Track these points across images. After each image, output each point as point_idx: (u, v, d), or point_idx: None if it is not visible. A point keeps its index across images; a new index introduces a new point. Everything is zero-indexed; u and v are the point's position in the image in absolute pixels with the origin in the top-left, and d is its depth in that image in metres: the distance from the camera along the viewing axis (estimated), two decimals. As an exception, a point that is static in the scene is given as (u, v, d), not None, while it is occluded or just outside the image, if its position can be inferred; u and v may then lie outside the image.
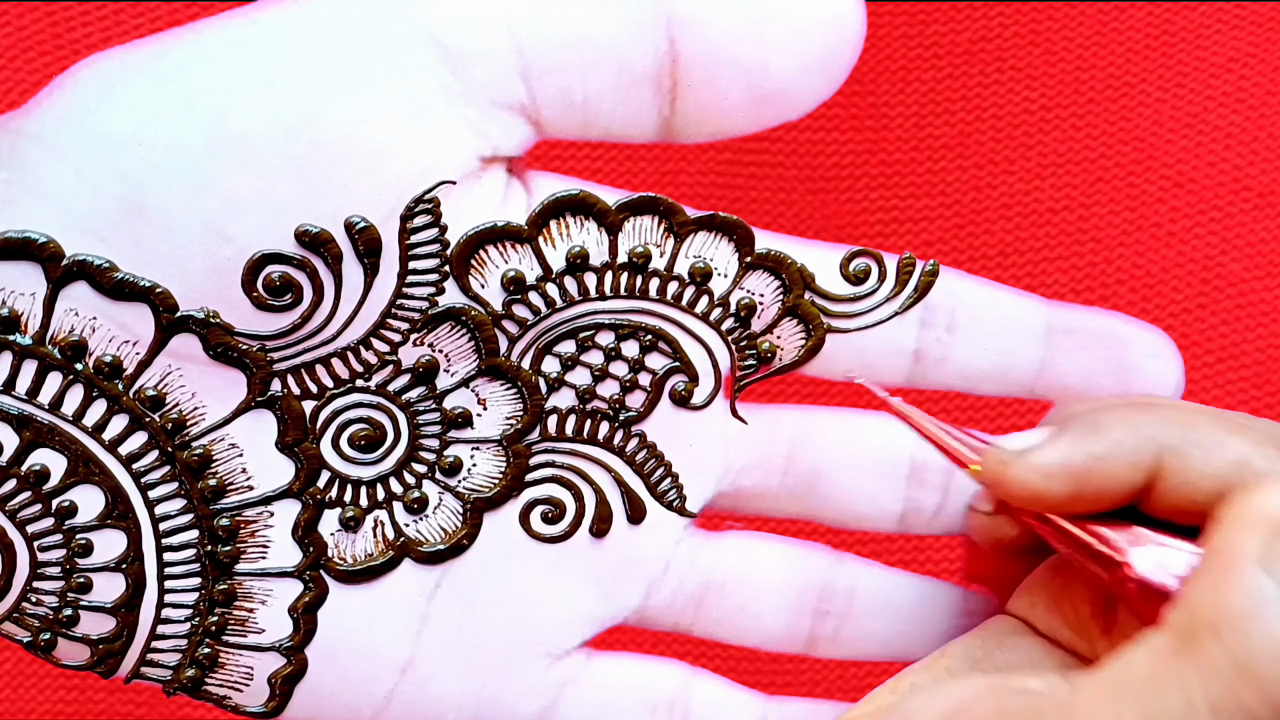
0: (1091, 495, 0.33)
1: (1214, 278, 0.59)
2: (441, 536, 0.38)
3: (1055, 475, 0.33)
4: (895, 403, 0.37)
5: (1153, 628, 0.29)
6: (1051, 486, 0.33)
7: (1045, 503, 0.33)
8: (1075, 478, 0.33)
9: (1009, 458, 0.34)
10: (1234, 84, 0.58)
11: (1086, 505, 0.33)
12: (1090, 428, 0.33)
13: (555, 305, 0.37)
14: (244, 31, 0.35)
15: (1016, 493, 0.34)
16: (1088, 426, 0.33)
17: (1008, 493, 0.34)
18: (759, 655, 0.44)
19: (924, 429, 0.37)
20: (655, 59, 0.35)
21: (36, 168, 0.34)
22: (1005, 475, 0.34)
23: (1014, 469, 0.34)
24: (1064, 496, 0.33)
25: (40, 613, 0.36)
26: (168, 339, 0.35)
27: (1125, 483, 0.33)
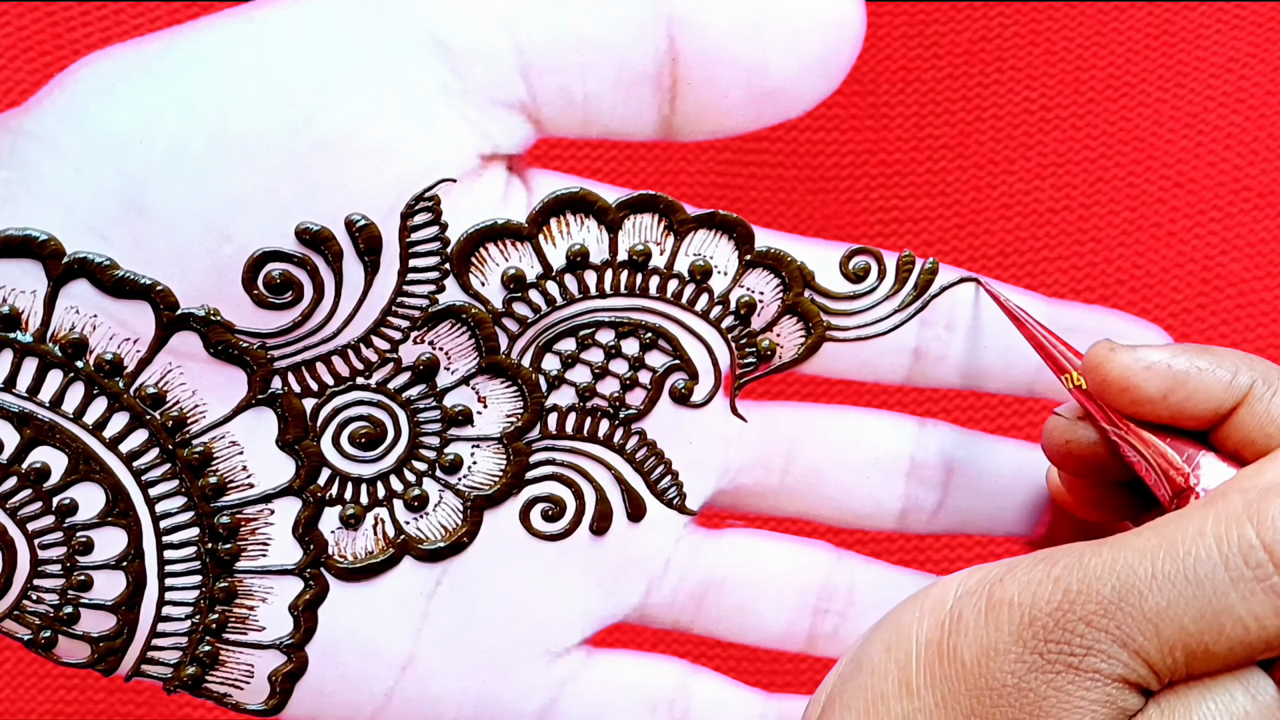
0: (1180, 400, 0.34)
1: (1214, 278, 0.59)
2: (442, 534, 0.38)
3: (1155, 369, 0.34)
4: (1009, 302, 0.38)
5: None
6: (1149, 380, 0.34)
7: (1138, 395, 0.34)
8: (1173, 378, 0.34)
9: (1117, 346, 0.35)
10: (1234, 84, 0.58)
11: (1173, 410, 0.34)
12: (1200, 349, 0.35)
13: (555, 303, 0.37)
14: (244, 30, 0.35)
15: (1115, 379, 0.35)
16: (1198, 347, 0.35)
17: (1106, 379, 0.35)
18: (759, 653, 0.44)
19: (1030, 329, 0.37)
20: (655, 58, 0.35)
21: (37, 166, 0.34)
22: (1109, 360, 0.35)
23: (1120, 355, 0.35)
24: (1156, 393, 0.34)
25: (41, 610, 0.36)
26: (168, 337, 0.35)
27: (1215, 400, 0.34)
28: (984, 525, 0.40)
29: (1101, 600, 0.31)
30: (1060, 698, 0.31)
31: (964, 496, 0.39)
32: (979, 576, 0.33)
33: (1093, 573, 0.32)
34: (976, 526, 0.40)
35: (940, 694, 0.32)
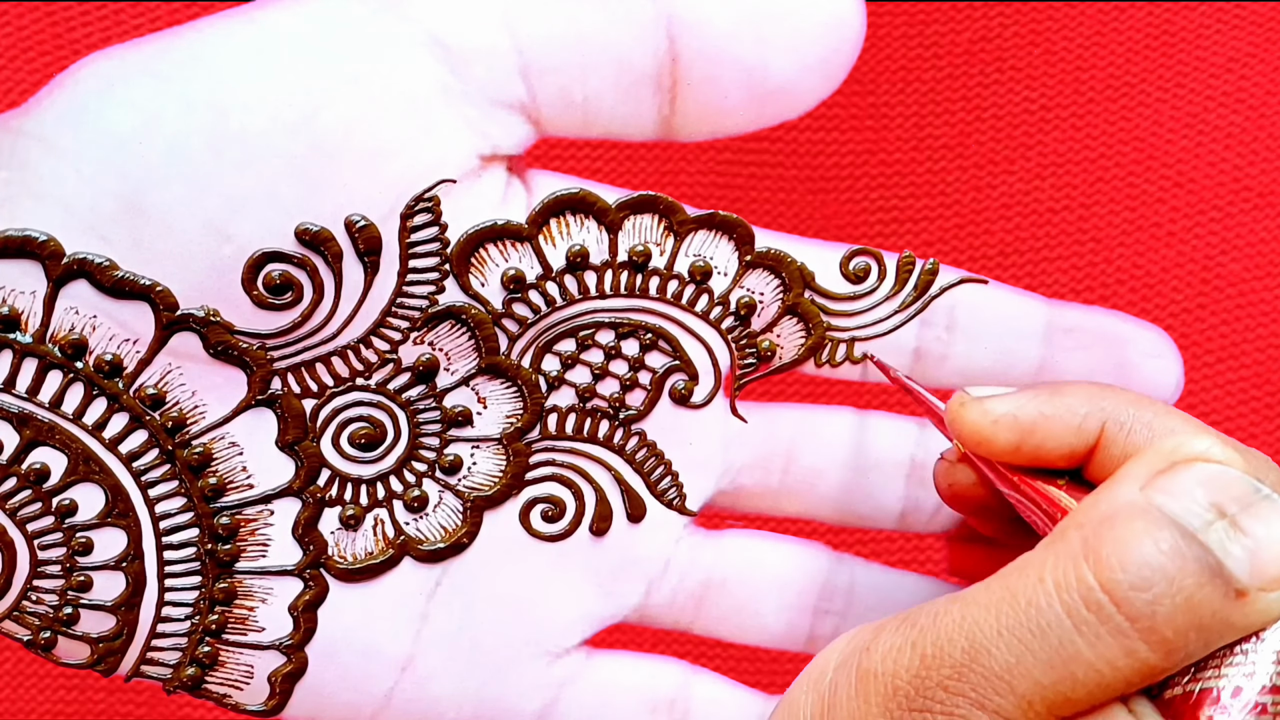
0: (1034, 448, 0.34)
1: (1214, 278, 0.59)
2: (441, 535, 0.38)
3: (1003, 422, 0.35)
4: (895, 371, 0.38)
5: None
6: (999, 433, 0.35)
7: (991, 448, 0.35)
8: (1021, 429, 0.34)
9: (967, 400, 0.35)
10: (1234, 84, 0.58)
11: (1028, 457, 0.35)
12: (1050, 391, 0.35)
13: (555, 304, 0.37)
14: (244, 31, 0.35)
15: (968, 434, 0.35)
16: (1049, 390, 0.35)
17: (960, 432, 0.35)
18: (759, 654, 0.44)
19: (912, 389, 0.38)
20: (655, 58, 0.35)
21: (37, 166, 0.34)
22: (960, 415, 0.35)
23: (969, 410, 0.35)
24: (1008, 445, 0.35)
25: (40, 611, 0.36)
26: (168, 337, 0.35)
27: (1068, 444, 0.34)
28: (984, 526, 0.40)
29: (954, 663, 0.31)
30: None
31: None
32: (853, 644, 0.33)
33: (945, 634, 0.31)
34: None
35: None
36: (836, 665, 0.33)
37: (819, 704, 0.33)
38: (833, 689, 0.33)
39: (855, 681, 0.32)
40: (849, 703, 0.32)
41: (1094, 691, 0.30)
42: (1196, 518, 0.31)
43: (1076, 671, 0.30)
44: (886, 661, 0.32)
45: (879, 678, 0.32)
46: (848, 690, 0.32)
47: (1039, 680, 0.30)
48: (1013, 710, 0.31)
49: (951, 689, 0.31)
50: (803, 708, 0.33)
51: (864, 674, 0.32)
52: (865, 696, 0.32)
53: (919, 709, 0.31)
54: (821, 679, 0.33)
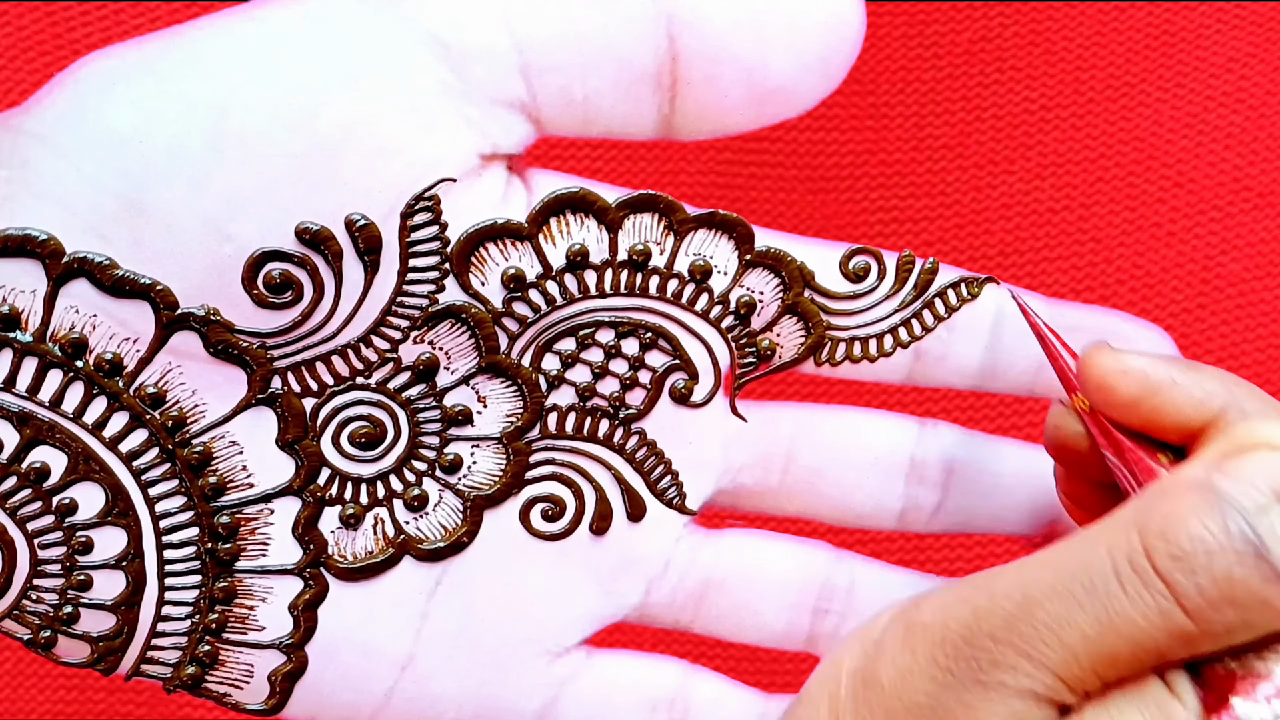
0: (1152, 409, 0.35)
1: (1214, 278, 0.59)
2: (441, 534, 0.38)
3: (1132, 374, 0.35)
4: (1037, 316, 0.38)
5: None
6: (1125, 383, 0.35)
7: (1111, 397, 0.35)
8: (1146, 386, 0.35)
9: (1108, 348, 0.35)
10: (1234, 84, 0.58)
11: (1144, 417, 0.35)
12: (1186, 364, 0.35)
13: (555, 303, 0.37)
14: (244, 30, 0.35)
15: (1094, 378, 0.35)
16: (1184, 363, 0.35)
17: (1089, 375, 0.35)
18: (759, 653, 0.44)
19: (1051, 345, 0.37)
20: (655, 57, 0.35)
21: (37, 165, 0.34)
22: (1095, 357, 0.35)
23: (1104, 356, 0.35)
24: (1128, 397, 0.35)
25: (40, 610, 0.36)
26: (168, 336, 0.35)
27: (1185, 416, 0.34)
28: (984, 525, 0.40)
29: (1006, 615, 0.32)
30: (969, 713, 0.32)
31: (964, 496, 0.40)
32: (902, 607, 0.34)
33: (1000, 589, 0.32)
34: (977, 526, 0.40)
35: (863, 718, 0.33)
36: (885, 623, 0.34)
37: (863, 657, 0.33)
38: (878, 644, 0.33)
39: (903, 633, 0.33)
40: (894, 653, 0.33)
41: (1135, 652, 0.31)
42: (1251, 500, 0.31)
43: (1119, 627, 0.31)
44: (937, 613, 0.32)
45: (928, 628, 0.32)
46: (894, 643, 0.33)
47: (1086, 634, 0.31)
48: (1058, 662, 0.31)
49: (1000, 639, 0.31)
50: (845, 663, 0.34)
51: (912, 626, 0.33)
52: (912, 647, 0.32)
53: (965, 657, 0.32)
54: (867, 637, 0.34)
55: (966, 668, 0.32)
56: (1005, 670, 0.31)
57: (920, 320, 0.38)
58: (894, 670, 0.33)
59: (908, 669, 0.32)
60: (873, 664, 0.33)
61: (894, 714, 0.32)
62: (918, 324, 0.38)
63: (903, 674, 0.32)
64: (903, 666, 0.32)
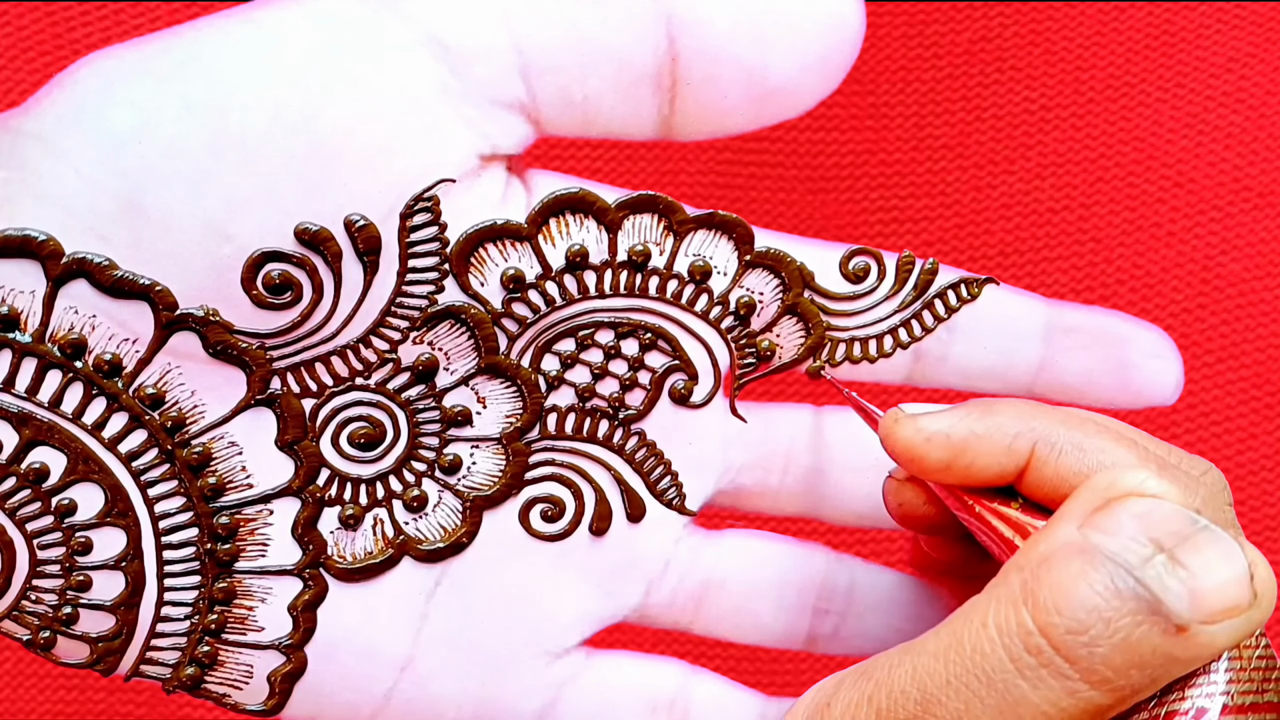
0: (965, 466, 0.34)
1: (1214, 278, 0.59)
2: (441, 535, 0.38)
3: (935, 440, 0.35)
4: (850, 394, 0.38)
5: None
6: (931, 451, 0.35)
7: (923, 465, 0.35)
8: (953, 447, 0.34)
9: (901, 417, 0.35)
10: (1234, 84, 0.58)
11: (959, 476, 0.35)
12: (983, 410, 0.35)
13: (555, 303, 0.37)
14: (244, 30, 0.35)
15: (901, 450, 0.35)
16: (981, 408, 0.35)
17: (894, 449, 0.35)
18: (759, 654, 0.44)
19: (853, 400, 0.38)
20: (655, 57, 0.35)
21: (36, 166, 0.34)
22: (893, 431, 0.35)
23: (902, 427, 0.35)
24: (940, 463, 0.35)
25: (40, 611, 0.36)
26: (167, 337, 0.35)
27: (998, 464, 0.34)
28: (984, 526, 0.40)
29: (908, 715, 0.31)
30: None
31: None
32: (815, 701, 0.33)
33: (899, 687, 0.32)
34: (976, 527, 0.40)
35: None
36: (800, 716, 0.33)
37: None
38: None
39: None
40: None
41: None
42: (1133, 554, 0.31)
43: (1024, 715, 0.30)
44: (845, 717, 0.32)
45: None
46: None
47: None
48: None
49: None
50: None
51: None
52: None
53: None
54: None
55: None
56: None
57: (920, 321, 0.38)
58: None
59: None
60: None
61: None
62: (918, 324, 0.38)
63: None
64: None
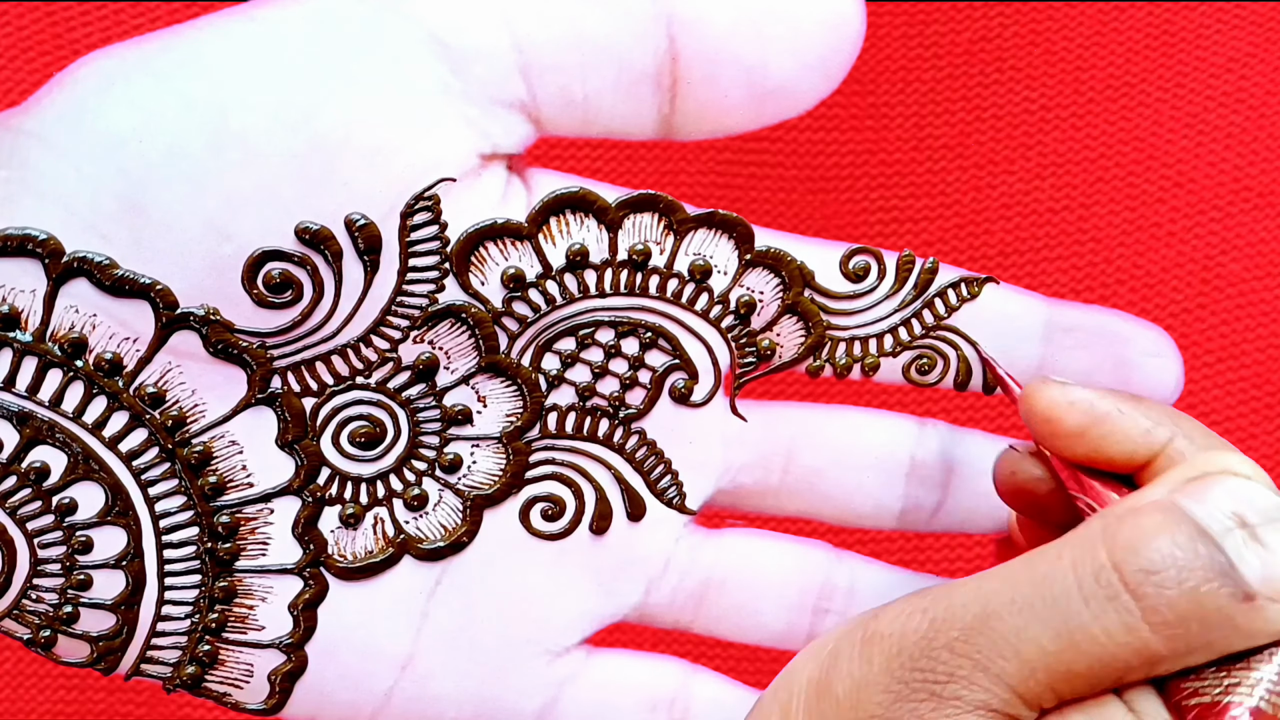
0: (1098, 438, 0.35)
1: (1214, 278, 0.59)
2: (441, 534, 0.38)
3: (1078, 405, 0.35)
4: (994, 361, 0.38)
5: None
6: (1070, 414, 0.35)
7: (1057, 428, 0.35)
8: (1094, 416, 0.35)
9: (1049, 379, 0.36)
10: (1234, 84, 0.58)
11: (1089, 447, 0.35)
12: (1129, 396, 0.35)
13: (555, 302, 0.37)
14: (244, 29, 0.35)
15: (1040, 410, 0.35)
16: (1127, 395, 0.35)
17: (1033, 408, 0.35)
18: (759, 653, 0.44)
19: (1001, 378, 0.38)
20: (655, 57, 0.35)
21: (37, 165, 0.34)
22: (1038, 390, 0.35)
23: (1048, 388, 0.35)
24: (1074, 428, 0.35)
25: (40, 610, 0.36)
26: (168, 336, 0.35)
27: (1131, 444, 0.35)
28: (984, 525, 0.40)
29: (964, 626, 0.32)
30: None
31: (964, 496, 0.39)
32: (861, 616, 0.34)
33: (958, 601, 0.32)
34: (977, 526, 0.40)
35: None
36: (840, 633, 0.34)
37: (816, 669, 0.33)
38: (834, 654, 0.33)
39: (859, 643, 0.33)
40: (850, 663, 0.33)
41: (1094, 667, 0.31)
42: (1217, 522, 0.32)
43: (1081, 642, 0.31)
44: (894, 624, 0.33)
45: (885, 638, 0.32)
46: (850, 652, 0.33)
47: (1044, 646, 0.31)
48: (1015, 674, 0.31)
49: (957, 650, 0.32)
50: (799, 674, 0.34)
51: (869, 636, 0.33)
52: (868, 657, 0.33)
53: (921, 669, 0.32)
54: (822, 648, 0.34)
55: (922, 680, 0.32)
56: (961, 683, 0.32)
57: (920, 320, 0.38)
58: (849, 681, 0.33)
59: (863, 680, 0.32)
60: (827, 674, 0.33)
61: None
62: (918, 324, 0.38)
63: (858, 685, 0.32)
64: (858, 677, 0.32)
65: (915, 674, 0.32)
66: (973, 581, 0.32)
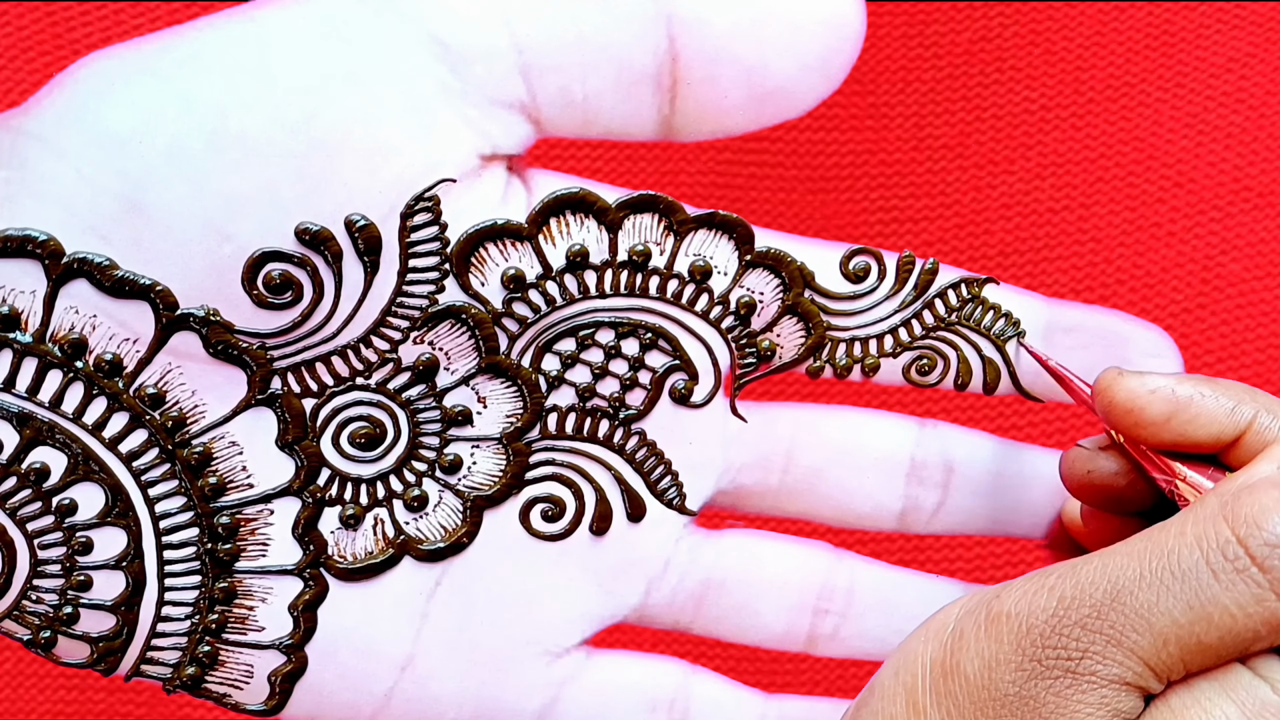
0: (1184, 423, 0.35)
1: (1214, 278, 0.59)
2: (441, 534, 0.38)
3: (1160, 393, 0.35)
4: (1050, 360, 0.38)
5: None
6: (1153, 404, 0.35)
7: (1142, 418, 0.35)
8: (1176, 403, 0.35)
9: (1125, 371, 0.36)
10: (1234, 84, 0.58)
11: (1175, 435, 0.35)
12: (1203, 378, 0.36)
13: (555, 303, 0.37)
14: (244, 30, 0.35)
15: (1121, 403, 0.36)
16: (1201, 377, 0.36)
17: (1112, 402, 0.36)
18: (759, 653, 0.44)
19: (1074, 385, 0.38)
20: (655, 58, 0.35)
21: (37, 166, 0.34)
22: (1116, 384, 0.36)
23: (1126, 380, 0.36)
24: (1159, 417, 0.35)
25: (40, 610, 0.36)
26: (168, 337, 0.35)
27: (1218, 426, 0.35)
28: (984, 526, 0.40)
29: (1094, 603, 0.32)
30: (1059, 703, 0.32)
31: (964, 497, 0.40)
32: (978, 597, 0.34)
33: (1085, 578, 0.33)
34: (977, 527, 0.40)
35: (946, 710, 0.33)
36: (961, 613, 0.34)
37: (940, 650, 0.34)
38: (957, 634, 0.34)
39: (985, 623, 0.33)
40: (977, 643, 0.33)
41: (1225, 637, 0.32)
42: None
43: (1213, 613, 0.32)
44: (1021, 604, 0.33)
45: (1012, 618, 0.33)
46: (976, 633, 0.33)
47: (1176, 619, 0.32)
48: (1148, 647, 0.32)
49: (1089, 626, 0.32)
50: (921, 655, 0.34)
51: (995, 616, 0.33)
52: (996, 637, 0.33)
53: (1053, 646, 0.32)
54: (943, 628, 0.34)
55: (1055, 657, 0.32)
56: (1095, 658, 0.32)
57: (920, 321, 0.38)
58: (979, 660, 0.33)
59: (993, 659, 0.33)
60: (953, 655, 0.33)
61: (982, 705, 0.33)
62: (918, 324, 0.38)
63: (988, 664, 0.33)
64: (988, 657, 0.33)
65: (1048, 651, 0.32)
66: (1096, 559, 0.33)
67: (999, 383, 0.39)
